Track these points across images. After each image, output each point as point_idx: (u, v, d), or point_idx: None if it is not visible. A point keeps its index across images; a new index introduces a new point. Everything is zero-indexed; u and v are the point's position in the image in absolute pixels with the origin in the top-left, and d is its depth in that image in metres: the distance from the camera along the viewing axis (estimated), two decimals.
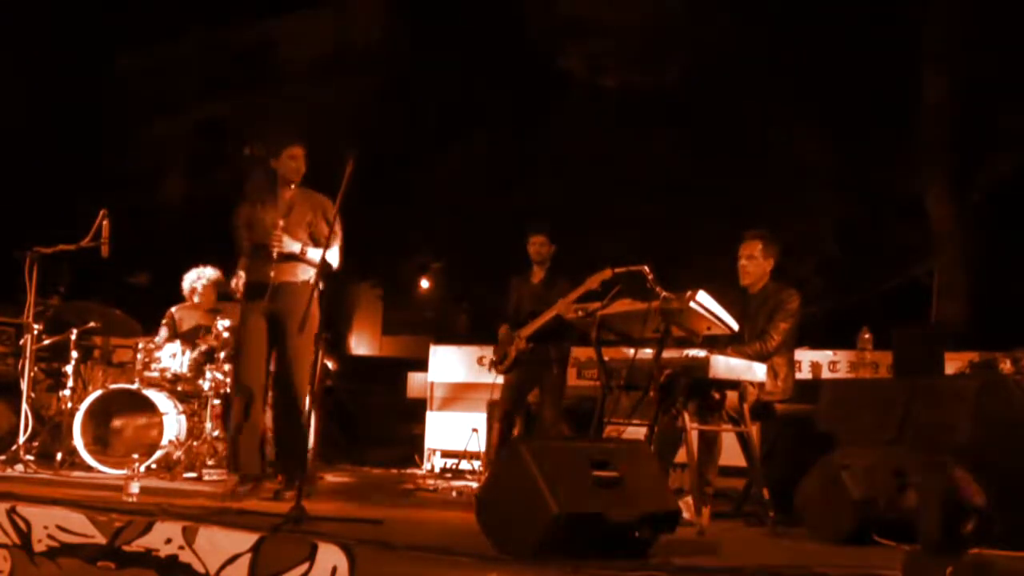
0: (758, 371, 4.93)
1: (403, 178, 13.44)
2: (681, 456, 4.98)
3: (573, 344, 6.64)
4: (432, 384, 9.08)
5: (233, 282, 5.47)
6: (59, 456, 6.62)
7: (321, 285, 5.21)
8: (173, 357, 6.82)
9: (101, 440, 6.63)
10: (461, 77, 13.40)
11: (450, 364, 9.06)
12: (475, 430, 8.07)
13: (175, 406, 6.77)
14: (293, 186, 5.35)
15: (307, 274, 5.23)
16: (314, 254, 5.18)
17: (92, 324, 7.23)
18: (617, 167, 12.29)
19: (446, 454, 8.62)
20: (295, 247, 5.18)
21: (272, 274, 5.19)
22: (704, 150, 11.67)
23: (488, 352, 6.95)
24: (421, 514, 5.12)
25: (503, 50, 13.15)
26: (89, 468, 6.45)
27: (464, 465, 8.27)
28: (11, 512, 3.63)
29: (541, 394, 6.50)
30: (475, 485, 6.86)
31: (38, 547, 3.55)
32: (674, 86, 11.79)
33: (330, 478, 7.36)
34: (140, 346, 6.95)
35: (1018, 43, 9.48)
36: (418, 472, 8.42)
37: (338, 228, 5.13)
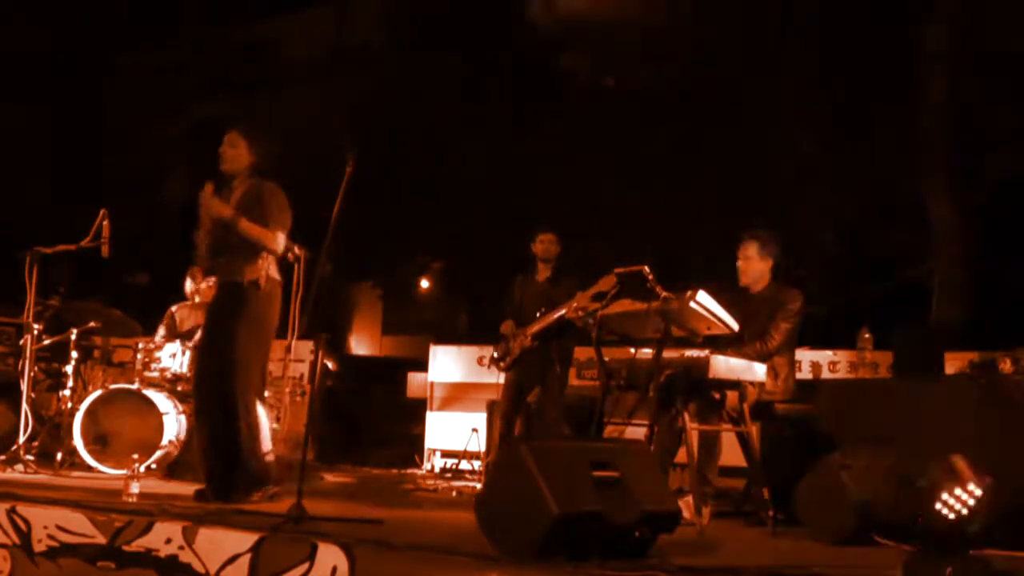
0: (758, 371, 4.93)
1: (403, 178, 13.45)
2: (681, 456, 4.98)
3: (575, 343, 6.64)
4: (432, 384, 9.08)
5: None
6: (59, 456, 6.61)
7: (277, 276, 5.02)
8: (173, 357, 6.82)
9: (101, 440, 6.62)
10: (461, 77, 13.41)
11: (450, 364, 9.07)
12: (475, 430, 8.07)
13: (175, 406, 6.77)
14: (243, 183, 4.99)
15: (259, 272, 4.93)
16: (251, 227, 4.86)
17: (92, 324, 7.23)
18: (617, 167, 12.30)
19: (446, 454, 8.62)
20: (226, 211, 4.82)
21: (221, 273, 4.98)
22: (704, 149, 11.67)
23: (488, 352, 6.94)
24: (421, 514, 5.12)
25: (503, 50, 13.15)
26: (89, 468, 6.44)
27: (464, 465, 8.27)
28: (11, 512, 3.63)
29: (542, 393, 6.50)
30: (475, 485, 6.86)
31: (38, 547, 3.55)
32: (674, 85, 11.79)
33: (330, 478, 7.36)
34: (140, 346, 6.95)
35: (1018, 43, 9.48)
36: (418, 472, 8.42)
37: (276, 211, 4.91)
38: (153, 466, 6.49)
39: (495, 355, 6.64)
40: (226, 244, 4.97)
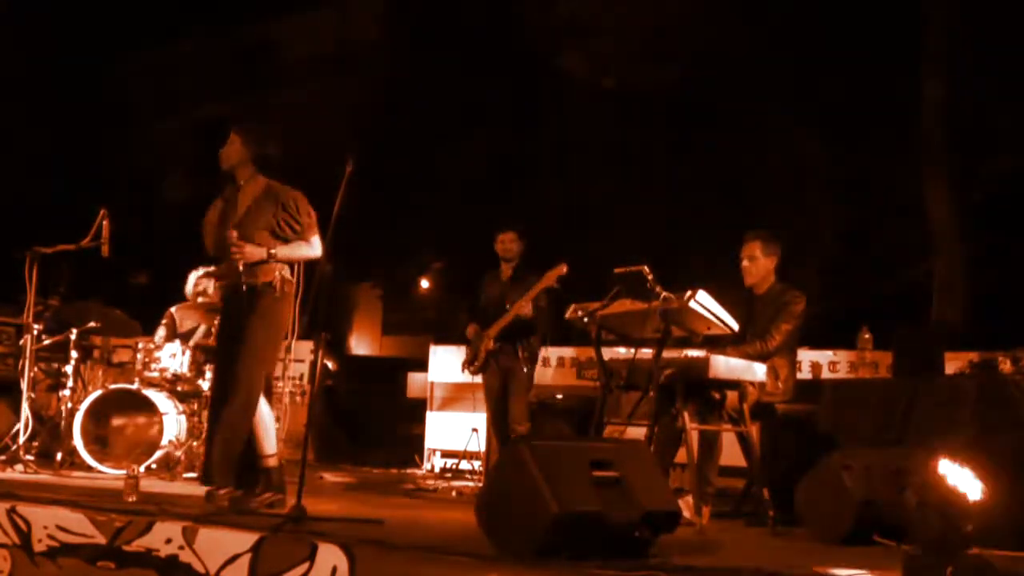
0: (758, 371, 4.93)
1: (403, 178, 13.46)
2: (681, 456, 4.98)
3: (540, 342, 6.51)
4: (432, 384, 9.08)
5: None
6: (59, 456, 6.61)
7: (291, 278, 4.94)
8: (173, 357, 6.81)
9: (101, 440, 6.62)
10: (461, 77, 13.41)
11: (450, 364, 9.05)
12: (475, 430, 8.07)
13: (175, 406, 6.77)
14: (250, 182, 4.86)
15: (274, 274, 4.82)
16: (287, 251, 4.81)
17: (92, 324, 7.23)
18: (617, 167, 12.31)
19: (446, 454, 8.62)
20: (260, 253, 4.74)
21: (238, 276, 4.81)
22: (704, 150, 11.68)
23: None
24: (421, 514, 5.12)
25: (503, 50, 13.16)
26: (89, 468, 6.44)
27: (464, 465, 8.27)
28: (11, 512, 3.63)
29: (508, 391, 6.36)
30: (475, 485, 6.85)
31: (38, 547, 3.55)
32: (674, 86, 11.80)
33: (330, 478, 7.36)
34: (140, 346, 6.94)
35: (1018, 43, 9.49)
36: (418, 472, 8.42)
37: (308, 219, 4.82)
38: (153, 466, 6.50)
39: (466, 358, 6.57)
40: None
